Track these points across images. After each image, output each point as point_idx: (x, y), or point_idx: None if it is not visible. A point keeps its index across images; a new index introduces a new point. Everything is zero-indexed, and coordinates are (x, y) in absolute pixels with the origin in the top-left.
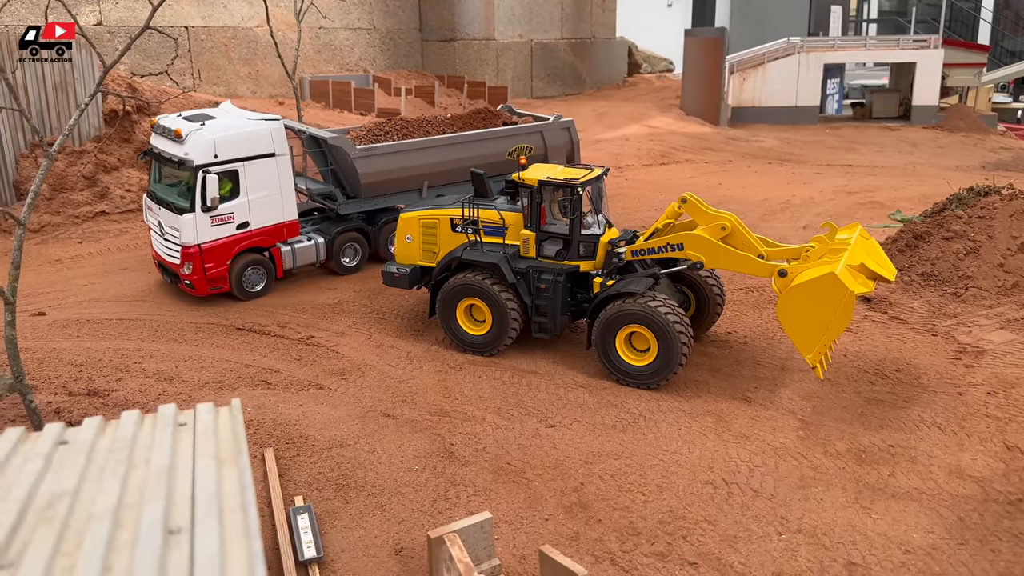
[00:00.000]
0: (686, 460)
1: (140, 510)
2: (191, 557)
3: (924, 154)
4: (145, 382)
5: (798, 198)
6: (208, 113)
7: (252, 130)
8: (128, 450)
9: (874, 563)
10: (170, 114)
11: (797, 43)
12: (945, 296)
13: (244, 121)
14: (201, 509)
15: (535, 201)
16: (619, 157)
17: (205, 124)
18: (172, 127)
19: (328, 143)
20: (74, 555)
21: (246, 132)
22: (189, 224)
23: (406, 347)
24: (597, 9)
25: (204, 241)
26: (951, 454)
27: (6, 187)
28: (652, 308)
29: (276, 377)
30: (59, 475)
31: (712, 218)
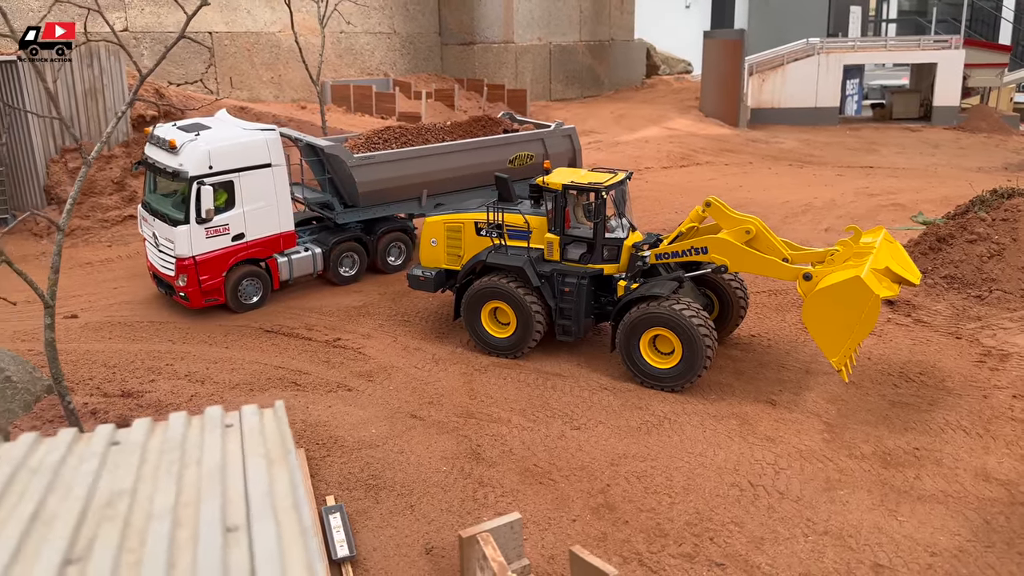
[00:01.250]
0: (712, 462)
1: (197, 508)
2: (251, 554)
3: (945, 155)
4: (177, 383)
5: (819, 200)
6: (203, 123)
7: (247, 140)
8: (179, 451)
9: (901, 565)
10: (165, 123)
11: (817, 44)
12: (969, 299)
13: (239, 131)
14: (256, 508)
15: (559, 205)
16: (638, 159)
17: (200, 134)
18: (166, 137)
19: (325, 152)
20: (138, 551)
21: (241, 143)
22: (183, 236)
23: (431, 349)
24: (615, 11)
25: (199, 253)
26: (977, 457)
27: (37, 191)
28: (677, 311)
29: (305, 379)
30: (115, 475)
31: (736, 222)
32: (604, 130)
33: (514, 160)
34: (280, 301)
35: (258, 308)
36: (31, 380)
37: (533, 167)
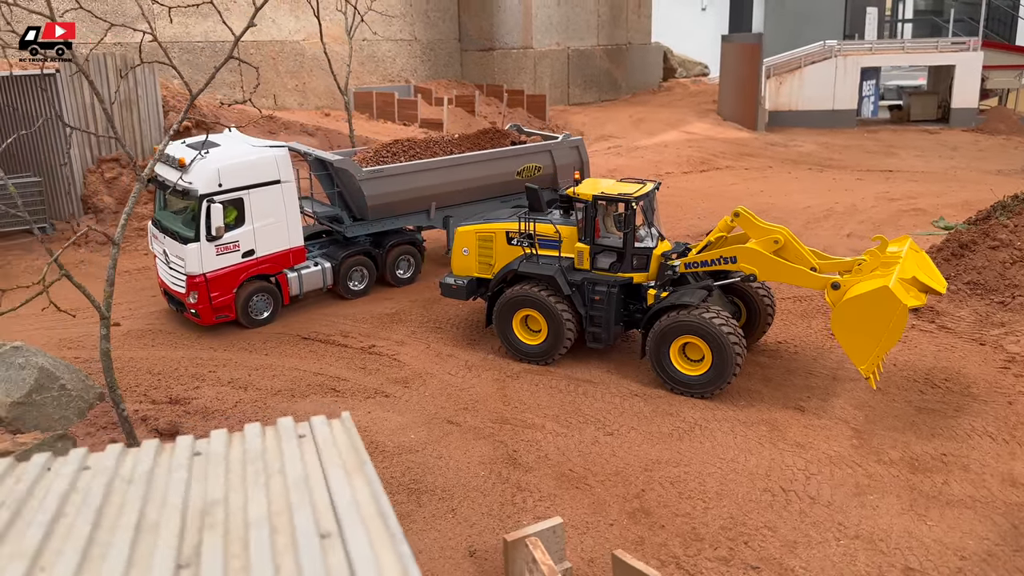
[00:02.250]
0: (743, 468)
1: (290, 516)
2: (347, 559)
3: (964, 158)
4: (221, 390)
5: (841, 205)
6: (213, 140)
7: (257, 158)
8: (262, 461)
9: (931, 568)
10: (175, 141)
11: (834, 47)
12: (992, 305)
13: (248, 148)
14: (344, 516)
15: (589, 215)
16: (659, 164)
17: (209, 153)
18: (176, 155)
19: (335, 166)
20: (243, 556)
21: (250, 160)
22: (194, 254)
23: (464, 356)
24: (632, 15)
25: (209, 270)
26: (1003, 463)
27: (75, 200)
28: (707, 320)
29: (343, 385)
30: (205, 484)
31: (765, 231)
32: (623, 135)
33: (521, 172)
34: (314, 308)
35: (268, 324)
36: (84, 388)
37: (541, 179)
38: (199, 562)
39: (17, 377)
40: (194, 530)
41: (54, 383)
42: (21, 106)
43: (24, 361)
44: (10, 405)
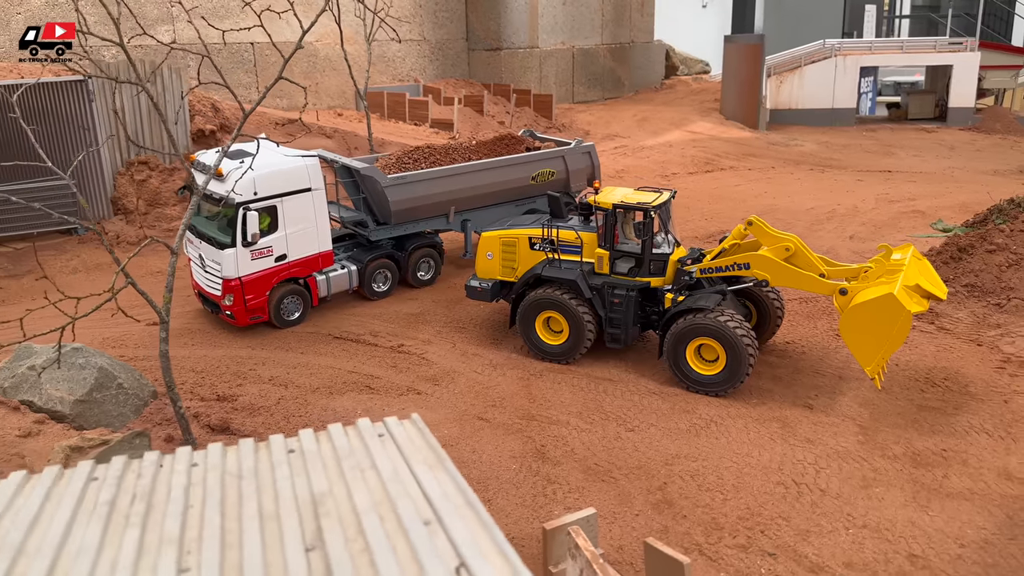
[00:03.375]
0: (757, 462)
1: (392, 506)
2: (451, 542)
3: (961, 158)
4: (263, 387)
5: (842, 207)
6: (246, 150)
7: (290, 167)
8: (353, 457)
9: (933, 555)
10: (207, 150)
11: (834, 46)
12: (989, 307)
13: (281, 158)
14: (439, 506)
15: (609, 223)
16: (664, 164)
17: (244, 162)
18: (214, 165)
19: (361, 173)
20: (360, 540)
21: (284, 169)
22: (231, 259)
23: (488, 355)
24: (636, 14)
25: (245, 274)
26: (999, 458)
27: (105, 202)
28: (722, 323)
29: (377, 383)
30: (307, 478)
31: (776, 239)
32: (628, 134)
33: (536, 177)
34: (342, 309)
35: (299, 324)
36: (139, 386)
37: (554, 183)
38: (324, 545)
39: (79, 376)
40: (310, 518)
41: (112, 382)
42: (54, 111)
43: (84, 361)
44: (73, 403)
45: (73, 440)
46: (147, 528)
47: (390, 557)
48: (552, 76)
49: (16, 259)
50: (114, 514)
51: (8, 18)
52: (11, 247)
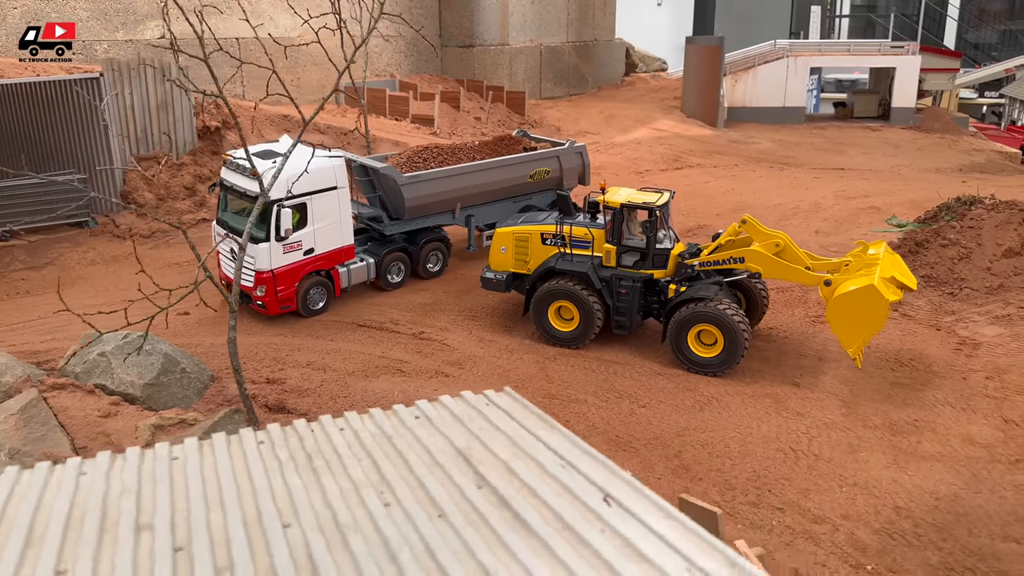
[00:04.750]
0: (757, 433)
1: (530, 455)
2: (589, 480)
3: (906, 156)
4: (304, 371)
5: (805, 203)
6: (274, 150)
7: (318, 167)
8: (476, 421)
9: (914, 507)
10: (238, 149)
11: (785, 47)
12: (943, 296)
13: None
14: (566, 455)
15: (617, 220)
16: (636, 161)
17: (279, 163)
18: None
19: (379, 172)
20: (515, 480)
21: (313, 169)
22: (264, 252)
23: (503, 341)
24: (599, 13)
25: (276, 267)
26: (962, 426)
27: (115, 195)
28: (721, 311)
29: (407, 366)
30: (446, 437)
31: (767, 236)
32: (597, 131)
33: (534, 175)
34: (361, 299)
35: (323, 313)
36: (199, 371)
37: (548, 180)
38: (488, 484)
39: (147, 362)
40: (466, 465)
41: (176, 367)
42: (68, 107)
43: (151, 348)
44: (143, 386)
45: (153, 420)
46: (338, 475)
47: (547, 490)
48: (521, 73)
49: (33, 251)
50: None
51: (3, 13)
52: (26, 239)
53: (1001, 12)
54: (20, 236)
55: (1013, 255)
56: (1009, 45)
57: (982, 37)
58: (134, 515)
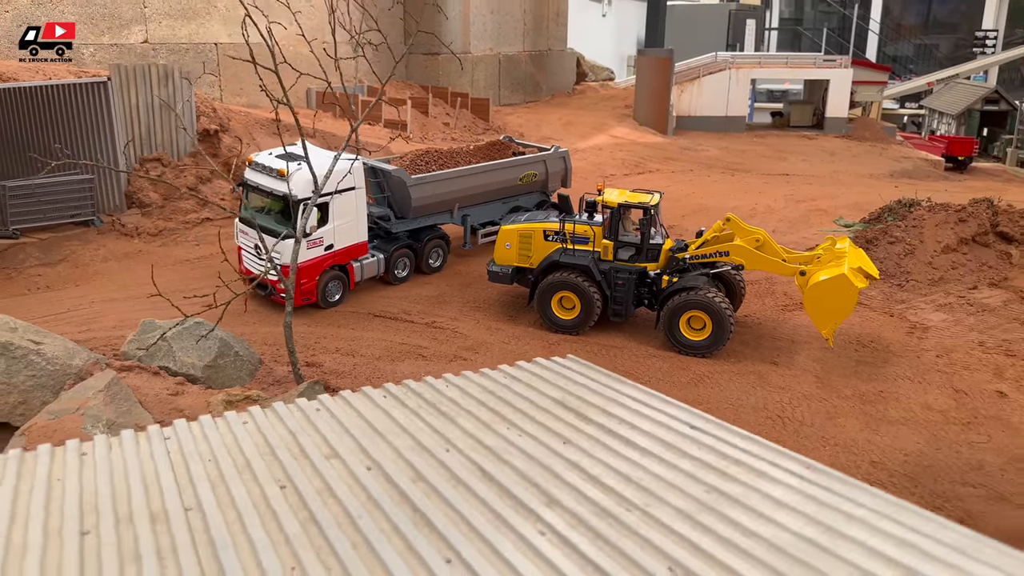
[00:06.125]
0: (747, 404)
1: (620, 401)
2: (684, 415)
3: (842, 162)
4: (335, 356)
5: (760, 206)
6: (295, 153)
7: (340, 169)
8: (566, 379)
9: (887, 461)
10: (262, 152)
11: (728, 59)
12: (893, 287)
13: (327, 160)
14: (648, 400)
15: (614, 218)
16: (600, 166)
17: (302, 165)
18: (274, 166)
19: (390, 174)
20: (625, 427)
21: (335, 171)
22: (289, 248)
23: (509, 329)
24: (552, 24)
25: (300, 261)
26: (920, 396)
27: (118, 196)
28: (710, 298)
29: (427, 351)
30: (539, 391)
31: (748, 232)
32: (558, 137)
33: (523, 178)
34: (372, 292)
35: (339, 305)
36: (249, 354)
37: (534, 183)
38: (592, 420)
39: (204, 346)
40: (567, 410)
41: (230, 351)
42: (76, 110)
43: (203, 330)
44: (203, 367)
45: (221, 396)
46: (476, 414)
47: (644, 423)
48: (482, 80)
49: (46, 248)
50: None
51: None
52: (37, 237)
53: (917, 27)
54: (30, 235)
55: (950, 251)
56: (924, 58)
57: (900, 50)
58: (321, 447)
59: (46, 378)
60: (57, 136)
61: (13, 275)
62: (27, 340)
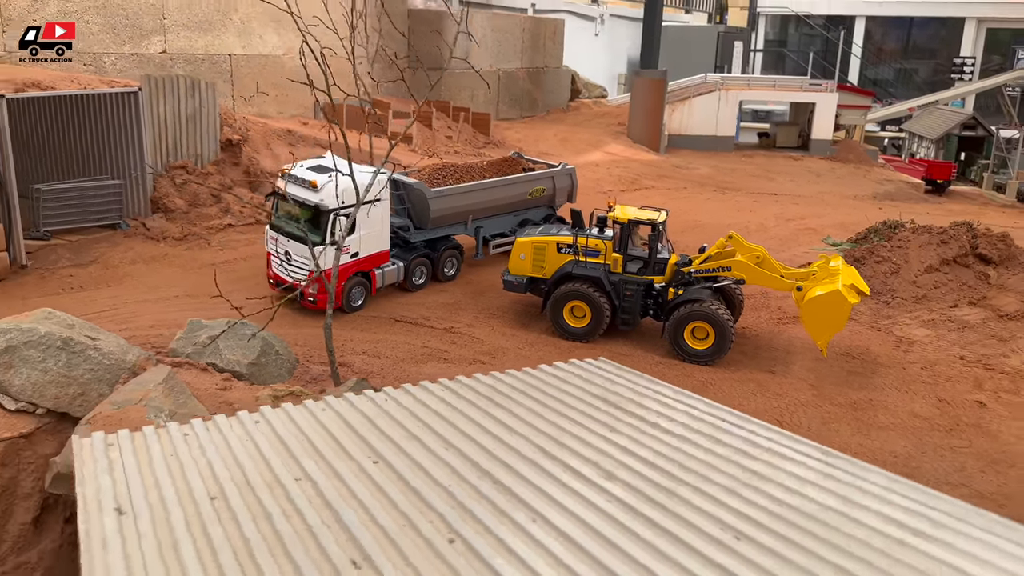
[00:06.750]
0: (748, 409)
1: (655, 397)
2: (715, 411)
3: (827, 183)
4: (363, 357)
5: (752, 224)
6: (324, 165)
7: (368, 181)
8: (600, 378)
9: (878, 463)
10: (294, 163)
11: (718, 81)
12: (879, 304)
13: (360, 174)
14: (680, 397)
15: (624, 233)
16: (598, 182)
17: (332, 177)
18: (307, 178)
19: (412, 187)
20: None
21: (364, 183)
22: (322, 255)
23: (523, 335)
24: (548, 42)
25: (330, 268)
26: (906, 404)
27: (144, 201)
28: (713, 310)
29: (448, 355)
30: (588, 389)
31: (749, 249)
32: (556, 153)
33: (533, 193)
34: (391, 298)
35: (361, 310)
36: (288, 354)
37: (543, 198)
38: (629, 412)
39: (248, 345)
40: (608, 403)
41: (271, 349)
42: (108, 117)
43: (249, 333)
44: (247, 365)
45: (267, 391)
46: (524, 404)
47: (678, 414)
48: (481, 96)
49: (76, 250)
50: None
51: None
52: (67, 239)
53: (896, 52)
54: (59, 237)
55: (933, 271)
56: (903, 82)
57: (880, 74)
58: (399, 431)
59: (103, 372)
60: (88, 142)
61: (46, 275)
62: (84, 336)
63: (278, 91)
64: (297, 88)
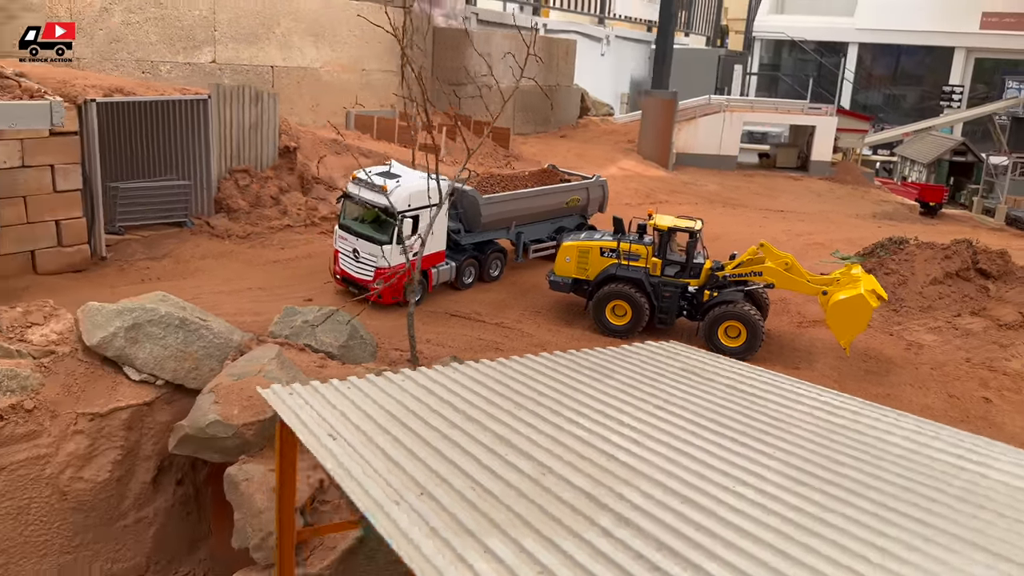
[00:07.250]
0: None
1: (728, 374)
2: (785, 381)
3: (829, 203)
4: (429, 346)
5: (765, 238)
6: (392, 171)
7: (429, 186)
8: (682, 357)
9: None
10: (364, 169)
11: (722, 102)
12: (889, 311)
13: (420, 180)
14: (750, 371)
15: (664, 239)
16: (618, 195)
17: (400, 183)
18: (377, 182)
19: (465, 193)
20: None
21: (424, 188)
22: (387, 253)
23: (567, 331)
24: (561, 60)
25: (394, 265)
26: (920, 398)
27: (208, 201)
28: (745, 311)
29: (502, 347)
30: (681, 360)
31: (779, 256)
32: (577, 167)
33: (569, 202)
34: (443, 296)
35: (419, 305)
36: (370, 338)
37: (578, 208)
38: (713, 395)
39: (340, 329)
40: (696, 375)
41: (357, 334)
42: (178, 122)
43: (341, 318)
44: (338, 347)
45: (359, 370)
46: (617, 377)
47: (758, 383)
48: (497, 111)
49: (148, 245)
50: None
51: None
52: (138, 235)
53: (886, 78)
54: (132, 232)
55: (938, 283)
56: (893, 107)
57: (870, 99)
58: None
59: (213, 349)
60: (159, 145)
61: (125, 267)
62: (196, 317)
63: (314, 102)
64: (332, 99)
